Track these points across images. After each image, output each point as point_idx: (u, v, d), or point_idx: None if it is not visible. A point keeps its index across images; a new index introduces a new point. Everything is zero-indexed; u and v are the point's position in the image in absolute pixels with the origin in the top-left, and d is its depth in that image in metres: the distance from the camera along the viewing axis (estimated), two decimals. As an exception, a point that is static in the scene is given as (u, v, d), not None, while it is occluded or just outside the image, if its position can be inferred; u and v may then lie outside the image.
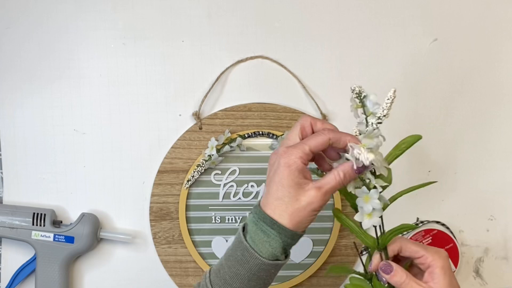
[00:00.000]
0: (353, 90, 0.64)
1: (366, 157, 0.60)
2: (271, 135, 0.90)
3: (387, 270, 0.65)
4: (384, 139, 0.64)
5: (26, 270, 0.87)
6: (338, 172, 0.62)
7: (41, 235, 0.85)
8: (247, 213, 0.89)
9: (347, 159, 0.62)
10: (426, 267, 0.65)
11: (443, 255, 0.65)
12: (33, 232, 0.85)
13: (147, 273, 0.89)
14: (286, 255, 0.64)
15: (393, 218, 0.90)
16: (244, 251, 0.62)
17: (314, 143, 0.62)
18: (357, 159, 0.61)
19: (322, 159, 0.66)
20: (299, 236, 0.63)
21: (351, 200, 0.66)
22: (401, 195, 0.68)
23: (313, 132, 0.64)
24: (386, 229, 0.67)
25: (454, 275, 0.66)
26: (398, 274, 0.64)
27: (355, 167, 0.61)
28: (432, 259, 0.64)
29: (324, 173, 0.66)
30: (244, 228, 0.64)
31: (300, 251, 0.89)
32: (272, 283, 0.90)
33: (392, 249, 0.66)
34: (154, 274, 0.89)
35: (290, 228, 0.61)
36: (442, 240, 0.91)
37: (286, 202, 0.61)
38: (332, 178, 0.62)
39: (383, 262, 0.66)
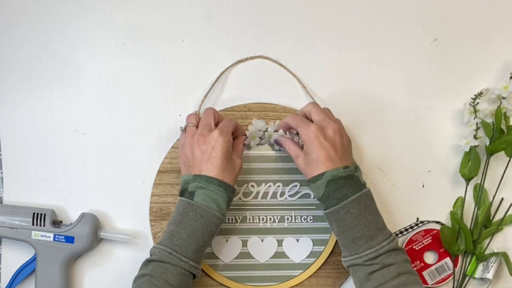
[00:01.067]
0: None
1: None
2: (271, 135, 0.90)
3: (279, 143, 0.86)
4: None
5: (26, 270, 0.86)
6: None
7: (41, 235, 0.84)
8: (247, 213, 0.89)
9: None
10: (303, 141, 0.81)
11: (310, 129, 0.79)
12: (33, 232, 0.85)
13: (147, 273, 0.89)
14: (224, 215, 0.79)
15: (393, 218, 0.91)
16: (196, 209, 0.77)
17: (231, 127, 0.83)
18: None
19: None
20: (235, 191, 0.81)
21: None
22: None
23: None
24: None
25: (327, 147, 0.78)
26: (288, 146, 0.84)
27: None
28: (303, 134, 0.80)
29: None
30: (184, 196, 0.79)
31: (300, 251, 0.89)
32: (272, 283, 0.90)
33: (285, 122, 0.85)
34: (154, 274, 0.89)
35: (230, 184, 0.79)
36: (442, 240, 0.92)
37: (225, 167, 0.79)
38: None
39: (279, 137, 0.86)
